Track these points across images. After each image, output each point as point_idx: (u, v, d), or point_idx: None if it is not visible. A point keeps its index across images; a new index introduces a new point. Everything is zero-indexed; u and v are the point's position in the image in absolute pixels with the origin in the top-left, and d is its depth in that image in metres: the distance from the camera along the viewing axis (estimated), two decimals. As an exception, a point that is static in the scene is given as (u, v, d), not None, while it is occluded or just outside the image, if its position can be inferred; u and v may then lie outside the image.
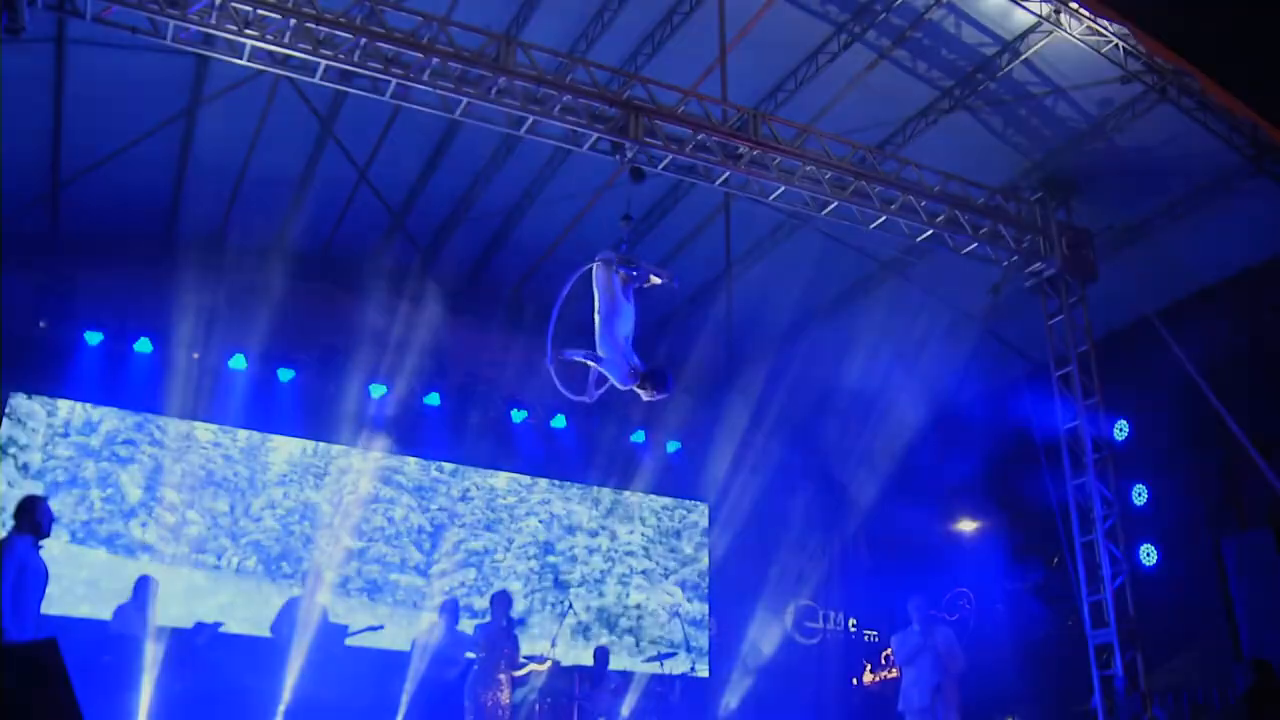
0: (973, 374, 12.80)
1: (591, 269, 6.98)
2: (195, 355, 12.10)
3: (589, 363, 6.85)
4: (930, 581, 12.88)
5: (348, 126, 10.96)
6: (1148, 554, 10.24)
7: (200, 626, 10.49)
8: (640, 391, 6.79)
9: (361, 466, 13.14)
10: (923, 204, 9.97)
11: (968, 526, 14.34)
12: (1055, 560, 11.77)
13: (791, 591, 14.67)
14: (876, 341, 12.87)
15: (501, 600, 10.74)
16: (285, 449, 12.95)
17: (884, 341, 12.84)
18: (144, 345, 12.04)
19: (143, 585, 10.02)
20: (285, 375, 12.76)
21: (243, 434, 12.73)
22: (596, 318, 6.92)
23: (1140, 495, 10.51)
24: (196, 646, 10.15)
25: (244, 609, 11.82)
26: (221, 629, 10.57)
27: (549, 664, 11.02)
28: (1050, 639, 12.34)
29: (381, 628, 11.48)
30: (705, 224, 12.43)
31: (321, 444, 13.10)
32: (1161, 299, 11.37)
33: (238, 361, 12.43)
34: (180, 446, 12.28)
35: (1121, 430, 10.83)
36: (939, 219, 10.10)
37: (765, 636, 14.41)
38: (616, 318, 6.83)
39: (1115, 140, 10.37)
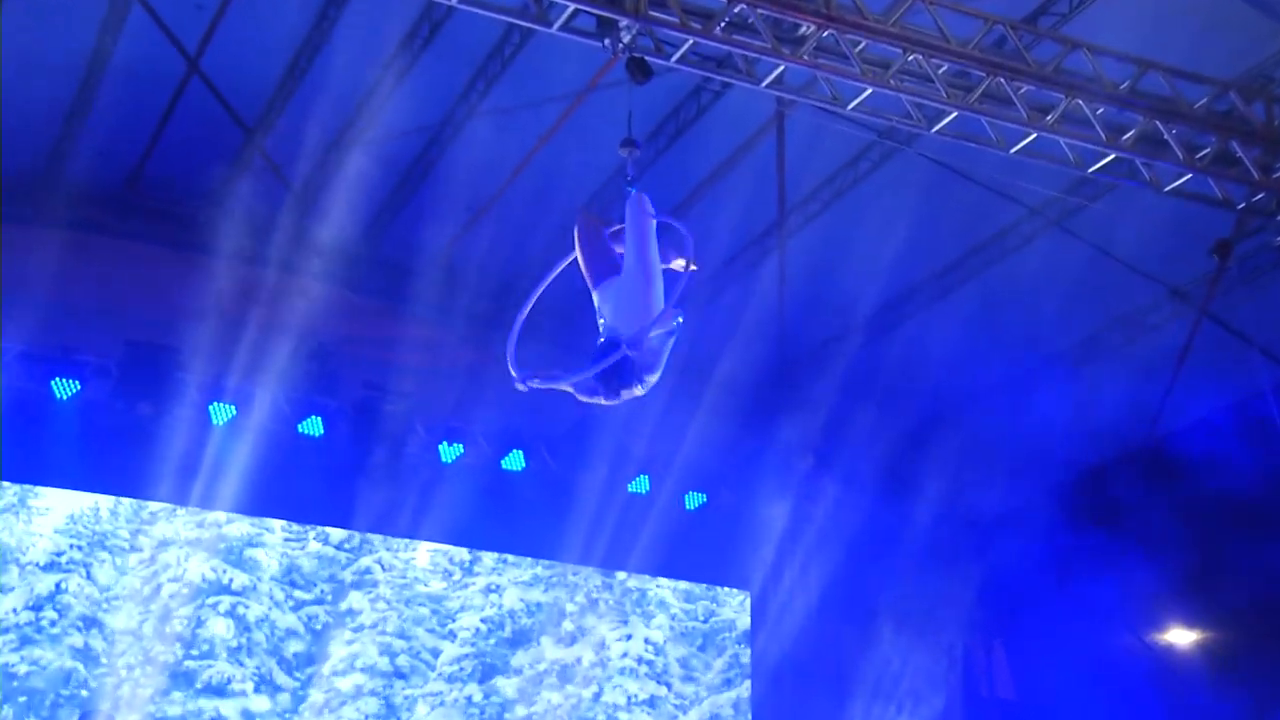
0: (1186, 385, 12.67)
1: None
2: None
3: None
4: (1118, 724, 11.95)
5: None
6: None
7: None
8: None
9: (192, 535, 12.94)
10: (1100, 111, 9.53)
11: (1181, 638, 14.33)
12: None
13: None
14: (1020, 331, 13.04)
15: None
16: (61, 510, 12.67)
17: (1032, 331, 12.96)
18: None
19: None
20: (64, 390, 12.33)
21: (-12, 487, 12.57)
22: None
23: None
24: None
25: (-18, 781, 11.67)
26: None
27: None
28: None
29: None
30: (745, 149, 12.12)
31: (125, 500, 12.83)
32: None
33: (-18, 371, 11.96)
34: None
35: None
36: (1128, 137, 9.70)
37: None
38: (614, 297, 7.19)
39: None
